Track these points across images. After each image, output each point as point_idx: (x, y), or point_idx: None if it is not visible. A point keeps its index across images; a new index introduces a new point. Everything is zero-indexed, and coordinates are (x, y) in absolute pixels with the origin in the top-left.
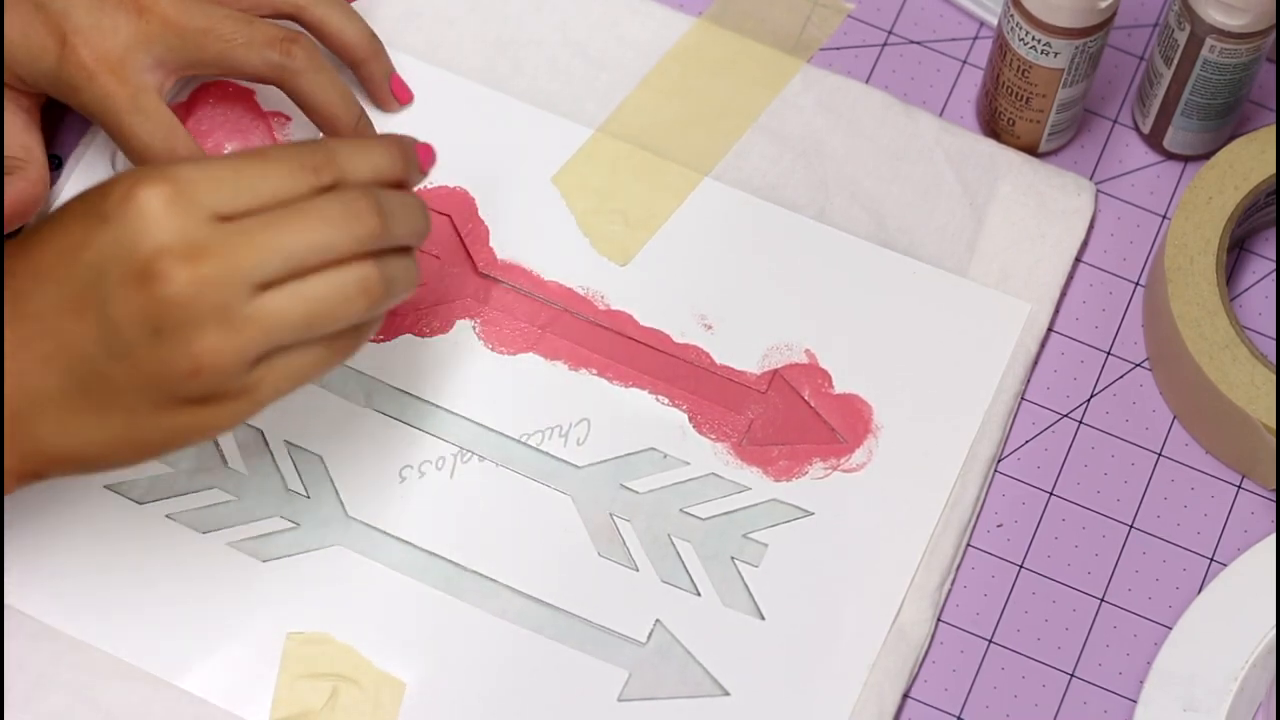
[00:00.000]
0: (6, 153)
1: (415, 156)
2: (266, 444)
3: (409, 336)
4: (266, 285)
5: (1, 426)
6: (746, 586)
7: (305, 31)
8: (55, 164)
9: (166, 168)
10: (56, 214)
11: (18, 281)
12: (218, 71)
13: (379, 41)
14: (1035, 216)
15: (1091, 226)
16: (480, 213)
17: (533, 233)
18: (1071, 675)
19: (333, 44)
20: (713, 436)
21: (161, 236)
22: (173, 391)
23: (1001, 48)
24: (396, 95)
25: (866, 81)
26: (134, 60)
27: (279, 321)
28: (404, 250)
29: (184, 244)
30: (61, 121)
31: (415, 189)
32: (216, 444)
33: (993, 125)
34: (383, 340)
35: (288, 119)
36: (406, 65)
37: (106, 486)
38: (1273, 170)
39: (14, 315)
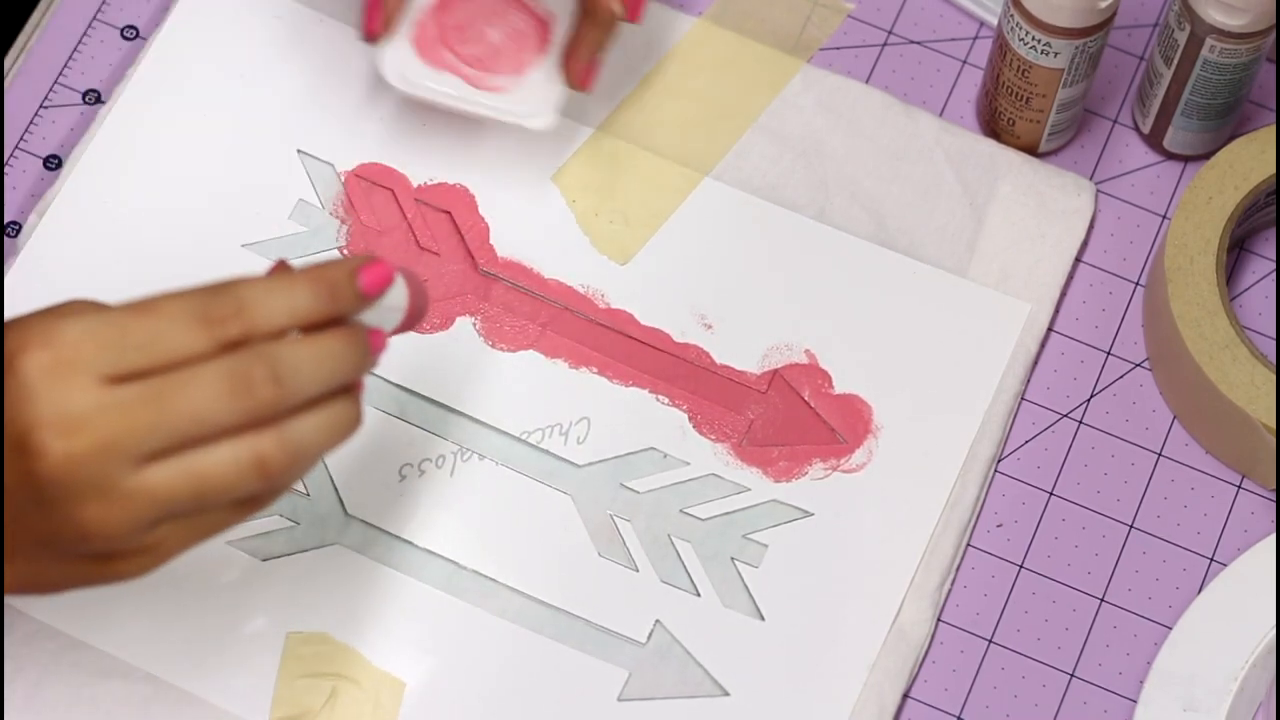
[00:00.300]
0: None
1: (352, 286)
2: None
3: (409, 334)
4: (150, 457)
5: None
6: (746, 587)
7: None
8: (55, 164)
9: (52, 328)
10: None
11: None
12: None
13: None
14: (1035, 216)
15: (1091, 226)
16: (480, 210)
17: (533, 231)
18: (1071, 675)
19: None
20: (713, 436)
21: (37, 409)
22: (68, 551)
23: (1001, 48)
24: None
25: (866, 81)
26: None
27: (164, 495)
28: (333, 396)
29: (59, 417)
30: (60, 122)
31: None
32: None
33: (993, 125)
34: None
35: None
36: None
37: None
38: (1273, 170)
39: None
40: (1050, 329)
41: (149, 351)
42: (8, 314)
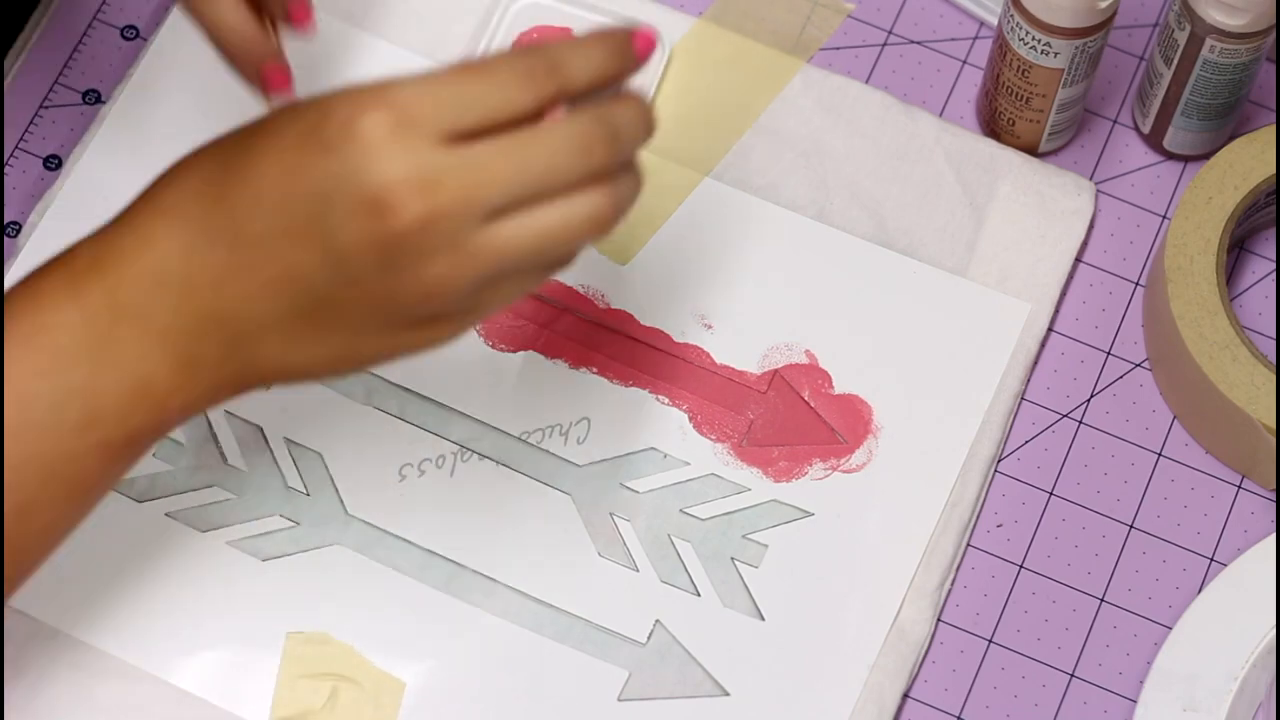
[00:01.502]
0: None
1: (631, 50)
2: (266, 441)
3: None
4: (497, 214)
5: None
6: (746, 587)
7: None
8: (55, 164)
9: (386, 90)
10: (268, 132)
11: (237, 205)
12: None
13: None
14: (1035, 216)
15: (1091, 226)
16: None
17: None
18: (1071, 675)
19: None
20: (713, 436)
21: (390, 168)
22: (398, 315)
23: (1001, 48)
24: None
25: (866, 81)
26: None
27: (509, 252)
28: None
29: (414, 175)
30: (60, 122)
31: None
32: (216, 441)
33: (993, 125)
34: None
35: None
36: (407, 62)
37: None
38: (1273, 170)
39: (236, 240)
40: (1050, 329)
41: (483, 107)
42: None
